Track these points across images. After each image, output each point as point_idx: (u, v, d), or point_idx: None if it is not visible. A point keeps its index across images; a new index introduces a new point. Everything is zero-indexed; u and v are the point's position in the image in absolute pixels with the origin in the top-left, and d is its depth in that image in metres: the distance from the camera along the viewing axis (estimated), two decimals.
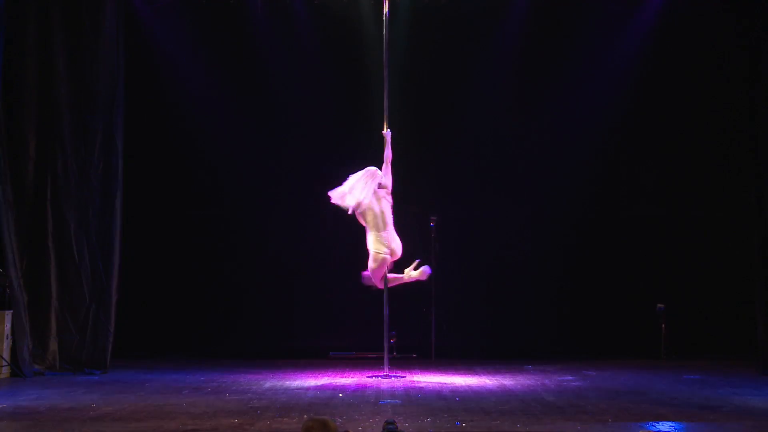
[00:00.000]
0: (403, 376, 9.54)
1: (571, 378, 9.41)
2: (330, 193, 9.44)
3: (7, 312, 9.63)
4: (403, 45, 11.49)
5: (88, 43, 10.28)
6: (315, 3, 11.68)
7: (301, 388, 8.61)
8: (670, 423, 6.61)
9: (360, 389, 8.58)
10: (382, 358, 9.73)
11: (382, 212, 9.36)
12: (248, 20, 11.72)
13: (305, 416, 6.81)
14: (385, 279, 9.44)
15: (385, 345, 9.75)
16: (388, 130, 9.64)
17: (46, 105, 10.10)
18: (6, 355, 9.56)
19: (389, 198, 9.48)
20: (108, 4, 10.35)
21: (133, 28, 11.07)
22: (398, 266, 9.58)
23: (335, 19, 11.77)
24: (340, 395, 8.10)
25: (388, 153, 9.55)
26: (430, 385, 8.89)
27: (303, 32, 11.88)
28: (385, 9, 9.91)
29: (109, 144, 10.29)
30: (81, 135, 10.21)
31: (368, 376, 9.53)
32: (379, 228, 9.31)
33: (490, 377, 9.52)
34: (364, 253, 9.46)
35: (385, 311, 9.61)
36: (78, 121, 10.22)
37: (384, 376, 9.45)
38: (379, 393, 8.31)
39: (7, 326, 9.61)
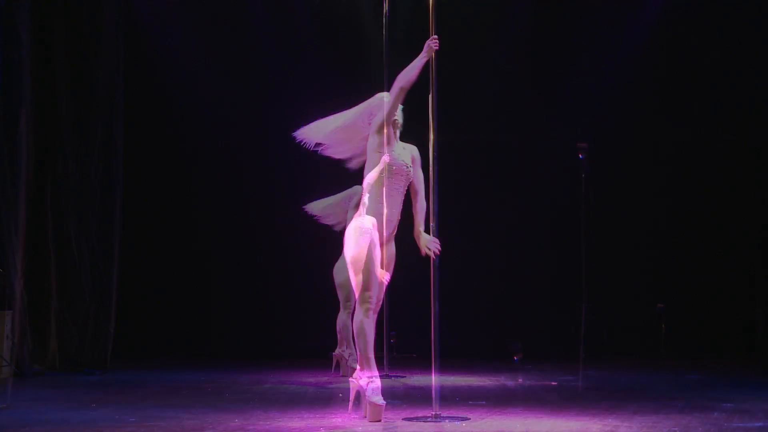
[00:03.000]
0: (403, 376, 9.53)
1: (571, 378, 9.40)
2: None
3: (7, 312, 9.63)
4: (403, 44, 11.47)
5: (88, 43, 10.27)
6: (315, 2, 11.69)
7: (301, 388, 8.59)
8: None
9: (360, 389, 8.54)
10: (382, 358, 9.72)
11: None
12: (248, 19, 11.72)
13: (304, 416, 6.81)
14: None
15: (385, 345, 9.75)
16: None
17: (46, 105, 10.10)
18: (6, 355, 9.56)
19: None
20: (108, 3, 10.35)
21: (133, 28, 11.07)
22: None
23: (335, 18, 11.78)
24: (340, 395, 8.08)
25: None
26: (430, 385, 8.86)
27: (303, 31, 11.88)
28: (385, 8, 9.89)
29: (109, 144, 10.28)
30: (81, 135, 10.20)
31: (368, 376, 9.50)
32: None
33: (490, 377, 9.51)
34: None
35: (386, 311, 9.61)
36: (78, 121, 10.21)
37: (384, 376, 9.43)
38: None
39: (7, 326, 9.60)
